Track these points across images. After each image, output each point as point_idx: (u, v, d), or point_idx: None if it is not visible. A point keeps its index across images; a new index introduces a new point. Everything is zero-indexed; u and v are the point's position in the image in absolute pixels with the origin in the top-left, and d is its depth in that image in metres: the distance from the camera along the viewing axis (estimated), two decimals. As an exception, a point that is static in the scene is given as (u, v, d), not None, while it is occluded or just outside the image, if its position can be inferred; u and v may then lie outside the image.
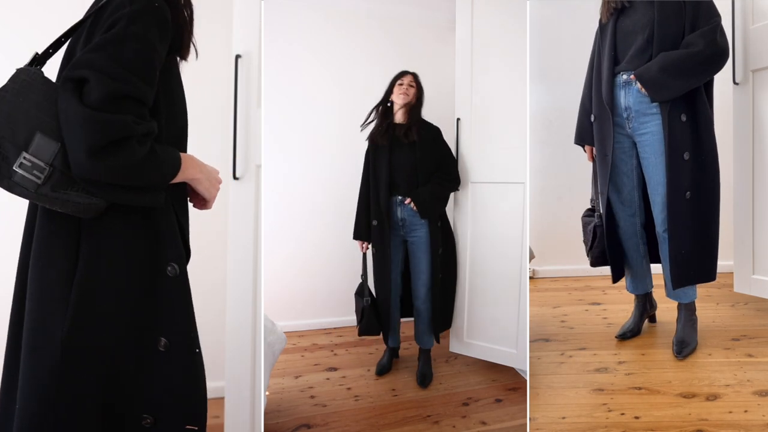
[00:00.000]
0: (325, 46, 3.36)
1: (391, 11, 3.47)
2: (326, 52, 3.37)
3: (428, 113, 2.64)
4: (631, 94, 2.05)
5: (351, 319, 3.45)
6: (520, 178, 2.48)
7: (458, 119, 2.69)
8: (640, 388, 1.90)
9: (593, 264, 2.30)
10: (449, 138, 2.70)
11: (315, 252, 3.39)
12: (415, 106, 2.54)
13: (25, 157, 0.99)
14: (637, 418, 1.73)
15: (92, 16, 1.12)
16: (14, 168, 0.99)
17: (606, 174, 2.15)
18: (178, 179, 1.12)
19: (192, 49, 1.26)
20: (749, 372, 1.97)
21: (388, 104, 2.55)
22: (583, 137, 2.28)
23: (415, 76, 2.57)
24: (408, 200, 2.46)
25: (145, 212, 1.12)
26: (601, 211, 2.22)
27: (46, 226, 1.12)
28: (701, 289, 2.94)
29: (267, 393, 2.35)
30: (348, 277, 3.41)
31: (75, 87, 0.98)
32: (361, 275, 2.65)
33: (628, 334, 2.31)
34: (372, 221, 2.56)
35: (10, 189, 1.02)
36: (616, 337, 2.31)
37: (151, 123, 1.06)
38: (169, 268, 1.13)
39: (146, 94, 1.04)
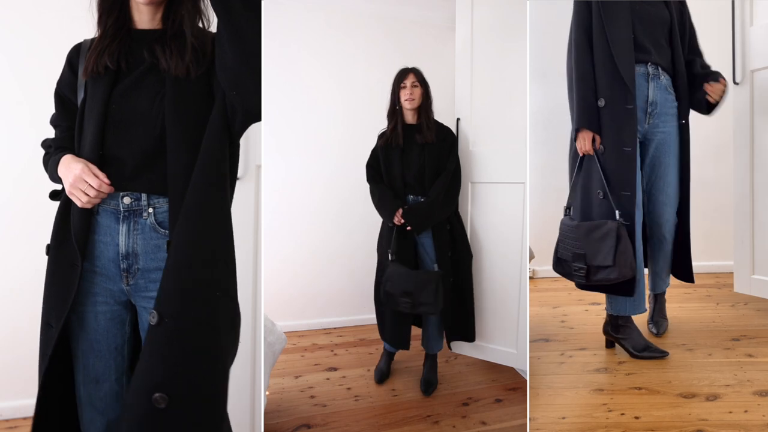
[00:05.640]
0: (325, 46, 3.36)
1: (391, 11, 3.47)
2: (326, 52, 3.37)
3: (428, 113, 2.64)
4: (659, 90, 2.01)
5: (351, 319, 3.46)
6: (520, 178, 2.48)
7: (458, 119, 2.68)
8: (640, 388, 1.90)
9: (612, 288, 1.95)
10: (449, 138, 2.69)
11: (315, 252, 3.39)
12: (423, 106, 2.48)
13: None
14: (637, 418, 1.73)
15: None
16: None
17: (630, 170, 1.91)
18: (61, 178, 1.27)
19: None
20: (749, 372, 1.97)
21: (397, 107, 2.50)
22: (591, 122, 1.94)
23: (416, 72, 2.49)
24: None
25: None
26: (636, 216, 1.95)
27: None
28: (701, 290, 2.95)
29: (267, 393, 2.35)
30: (348, 278, 3.42)
31: None
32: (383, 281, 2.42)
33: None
34: (389, 223, 2.46)
35: None
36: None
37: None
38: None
39: None
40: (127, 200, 1.24)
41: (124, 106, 1.23)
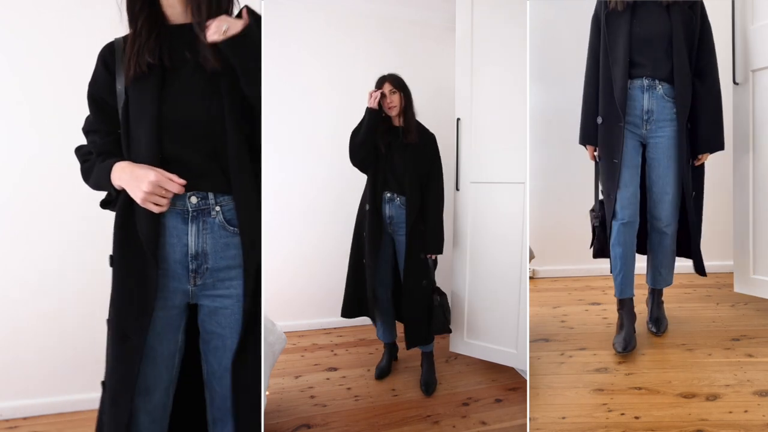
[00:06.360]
0: (324, 46, 3.36)
1: (391, 11, 3.47)
2: (325, 53, 3.37)
3: (428, 113, 2.64)
4: (654, 99, 2.14)
5: (351, 319, 3.45)
6: (520, 178, 2.48)
7: (458, 119, 2.69)
8: (640, 388, 1.90)
9: (595, 255, 2.35)
10: (449, 138, 2.69)
11: (314, 252, 3.39)
12: (404, 109, 2.50)
13: None
14: (637, 418, 1.73)
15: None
16: None
17: (615, 177, 2.15)
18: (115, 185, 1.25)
19: None
20: (749, 372, 1.97)
21: (383, 115, 2.51)
22: (588, 138, 2.26)
23: (392, 79, 2.49)
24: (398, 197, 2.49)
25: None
26: (608, 213, 2.21)
27: None
28: (701, 289, 2.95)
29: (267, 393, 2.35)
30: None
31: None
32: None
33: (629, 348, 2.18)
34: (366, 205, 2.55)
35: None
36: (619, 352, 2.17)
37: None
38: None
39: None
40: (194, 200, 1.22)
41: (178, 106, 1.21)
